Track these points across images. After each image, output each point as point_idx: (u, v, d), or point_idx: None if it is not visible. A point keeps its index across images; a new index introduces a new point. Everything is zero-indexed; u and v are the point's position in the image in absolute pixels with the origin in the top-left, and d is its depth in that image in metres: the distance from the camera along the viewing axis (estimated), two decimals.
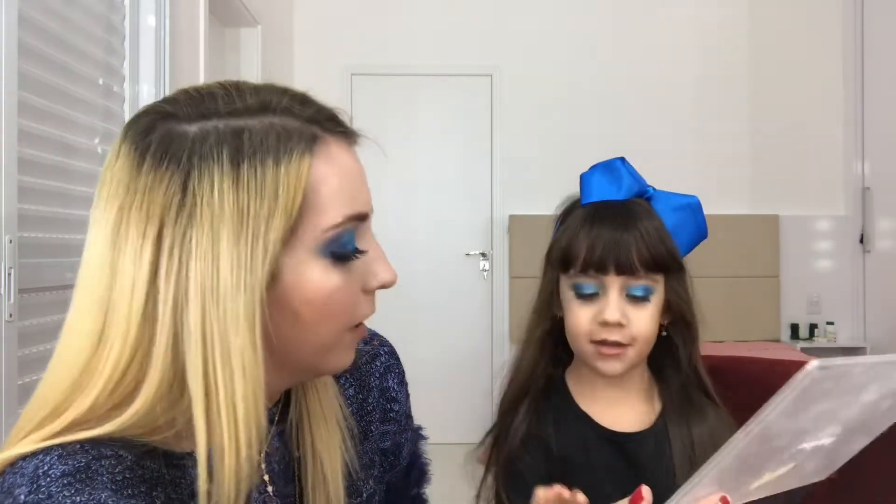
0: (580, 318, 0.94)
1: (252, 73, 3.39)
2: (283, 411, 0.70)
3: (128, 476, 0.54)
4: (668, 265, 0.94)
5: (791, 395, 0.51)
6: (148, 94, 2.10)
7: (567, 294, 0.96)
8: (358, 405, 0.76)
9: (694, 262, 0.99)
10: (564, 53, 4.31)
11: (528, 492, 0.90)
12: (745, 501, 0.61)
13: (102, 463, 0.53)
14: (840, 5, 4.26)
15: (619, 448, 0.95)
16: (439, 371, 4.17)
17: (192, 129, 0.55)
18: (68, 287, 1.73)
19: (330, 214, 0.57)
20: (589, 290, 0.94)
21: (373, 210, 0.63)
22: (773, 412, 0.52)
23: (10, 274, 1.39)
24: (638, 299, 0.93)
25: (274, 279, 0.56)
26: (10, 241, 1.39)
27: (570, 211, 1.00)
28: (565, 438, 0.97)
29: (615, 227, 0.93)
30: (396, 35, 4.28)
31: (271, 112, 0.57)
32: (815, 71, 4.30)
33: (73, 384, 0.55)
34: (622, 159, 0.99)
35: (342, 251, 0.58)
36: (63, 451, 0.53)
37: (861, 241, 4.18)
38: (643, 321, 0.93)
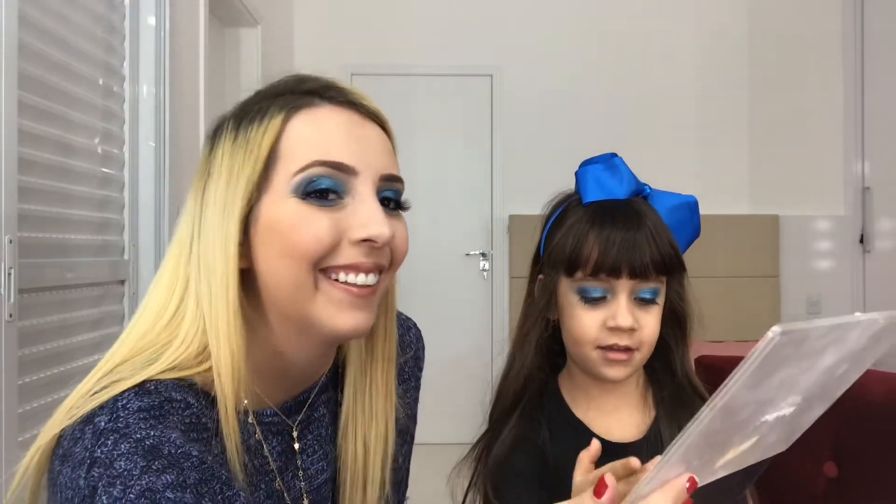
0: (587, 324, 0.89)
1: (252, 73, 3.39)
2: (334, 387, 0.78)
3: (193, 421, 0.61)
4: (675, 267, 0.91)
5: (755, 363, 0.48)
6: (148, 94, 2.11)
7: (570, 298, 0.91)
8: (396, 372, 0.81)
9: (693, 261, 0.96)
10: (564, 53, 4.31)
11: (523, 492, 0.88)
12: (710, 480, 0.60)
13: (173, 405, 0.60)
14: (840, 6, 4.26)
15: (614, 459, 0.90)
16: (438, 371, 4.16)
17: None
18: (68, 287, 1.74)
19: (298, 159, 0.65)
20: (597, 294, 0.89)
21: (384, 177, 0.68)
22: (738, 383, 0.50)
23: (10, 274, 1.39)
24: (646, 302, 0.89)
25: (255, 218, 0.65)
26: (10, 241, 1.39)
27: (568, 210, 0.94)
28: (559, 446, 0.93)
29: (627, 228, 0.88)
30: (396, 35, 4.28)
31: (278, 94, 0.68)
32: (815, 71, 4.29)
33: (134, 320, 0.67)
34: (616, 155, 0.94)
35: (311, 188, 0.64)
36: (140, 389, 0.59)
37: (861, 241, 4.17)
38: (652, 324, 0.90)
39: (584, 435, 0.93)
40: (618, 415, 0.95)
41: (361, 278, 0.66)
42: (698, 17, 4.32)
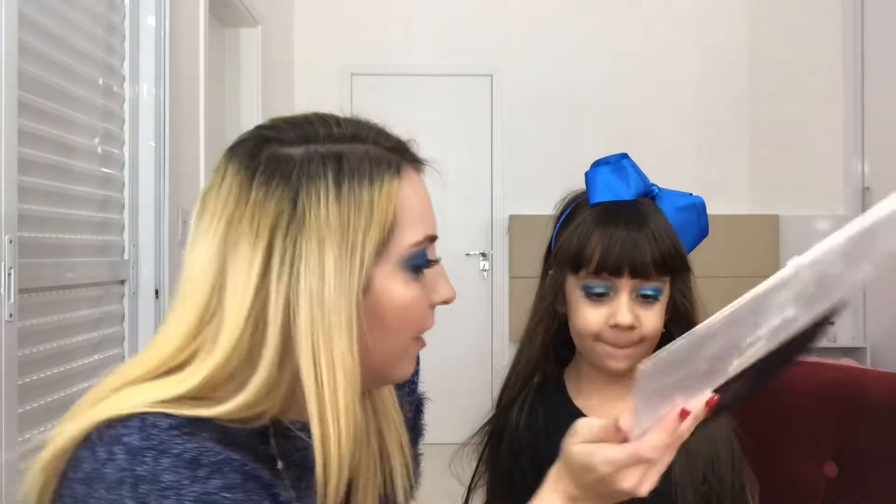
0: (590, 319, 0.93)
1: (252, 72, 3.39)
2: None
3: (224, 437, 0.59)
4: (677, 267, 0.94)
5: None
6: (148, 94, 2.11)
7: (575, 294, 0.95)
8: None
9: (694, 261, 0.99)
10: (564, 53, 4.31)
11: (515, 498, 0.90)
12: (723, 381, 0.59)
13: (201, 422, 0.58)
14: (840, 6, 4.26)
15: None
16: (439, 371, 4.16)
17: (297, 151, 0.61)
18: (68, 287, 1.74)
19: (415, 232, 0.64)
20: (600, 290, 0.93)
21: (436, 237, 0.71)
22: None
23: (10, 274, 1.39)
24: (648, 298, 0.93)
25: (367, 288, 0.61)
26: (10, 241, 1.39)
27: (577, 210, 0.99)
28: (556, 436, 0.96)
29: (629, 229, 0.92)
30: (396, 35, 4.28)
31: (362, 141, 0.64)
32: (815, 71, 4.29)
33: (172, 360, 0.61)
34: (626, 156, 0.98)
35: (421, 265, 0.65)
36: (164, 410, 0.57)
37: None
38: (652, 320, 0.93)
39: None
40: (623, 403, 0.96)
41: None
42: (699, 17, 4.32)
